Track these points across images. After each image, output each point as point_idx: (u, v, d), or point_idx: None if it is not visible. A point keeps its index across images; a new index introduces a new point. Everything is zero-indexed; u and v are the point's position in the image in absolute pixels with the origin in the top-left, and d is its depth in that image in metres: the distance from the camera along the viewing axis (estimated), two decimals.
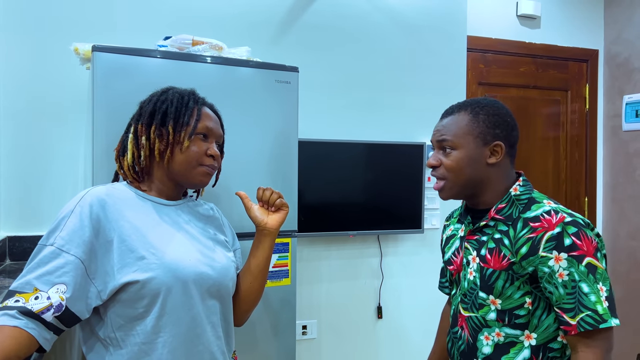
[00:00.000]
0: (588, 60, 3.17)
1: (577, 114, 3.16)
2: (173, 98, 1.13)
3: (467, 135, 1.17)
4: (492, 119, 1.18)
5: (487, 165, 1.17)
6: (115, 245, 0.99)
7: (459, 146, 1.17)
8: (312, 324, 2.45)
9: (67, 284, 0.93)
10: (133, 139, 1.11)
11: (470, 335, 1.21)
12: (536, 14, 2.97)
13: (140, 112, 1.14)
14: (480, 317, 1.18)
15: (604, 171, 3.21)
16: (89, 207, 0.99)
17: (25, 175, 1.99)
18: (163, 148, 1.10)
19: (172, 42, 1.72)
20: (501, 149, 1.17)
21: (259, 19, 2.32)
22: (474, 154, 1.17)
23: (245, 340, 1.64)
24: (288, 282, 1.75)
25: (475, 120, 1.17)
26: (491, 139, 1.17)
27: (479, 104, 1.20)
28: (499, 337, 1.15)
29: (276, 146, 1.72)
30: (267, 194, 1.27)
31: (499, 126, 1.18)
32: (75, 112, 2.03)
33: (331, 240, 2.48)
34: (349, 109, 2.50)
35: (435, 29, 2.65)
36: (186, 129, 1.11)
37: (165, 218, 1.10)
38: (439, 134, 1.21)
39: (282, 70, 1.73)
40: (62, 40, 1.98)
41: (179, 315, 1.03)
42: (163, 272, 1.01)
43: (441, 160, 1.20)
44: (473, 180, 1.18)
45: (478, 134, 1.17)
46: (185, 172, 1.12)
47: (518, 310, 1.13)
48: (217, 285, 1.11)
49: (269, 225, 1.26)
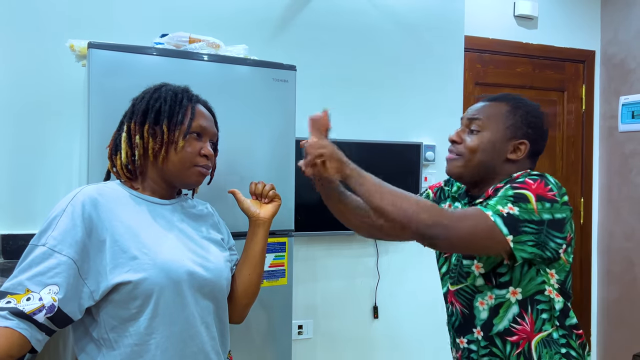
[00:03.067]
0: (585, 61, 3.17)
1: (574, 115, 3.16)
2: (166, 96, 1.11)
3: (499, 122, 1.17)
4: (529, 118, 1.18)
5: (505, 160, 1.17)
6: (108, 245, 0.98)
7: (486, 129, 1.17)
8: (308, 323, 2.44)
9: (59, 284, 0.92)
10: (126, 137, 1.09)
11: (463, 306, 1.21)
12: (533, 15, 2.98)
13: (133, 110, 1.12)
14: (470, 286, 1.18)
15: (600, 172, 3.21)
16: (81, 206, 0.98)
17: (20, 173, 1.97)
18: (157, 148, 1.08)
19: (169, 40, 1.71)
20: (525, 147, 1.17)
21: (257, 17, 2.31)
22: (498, 143, 1.16)
23: (241, 340, 1.63)
24: (284, 282, 1.74)
25: (513, 112, 1.17)
26: (520, 135, 1.17)
27: (523, 100, 1.21)
28: (491, 299, 1.15)
29: (273, 145, 1.71)
30: (260, 187, 1.29)
31: (533, 127, 1.18)
32: (70, 109, 2.01)
33: (328, 239, 2.47)
34: (346, 108, 2.49)
35: (433, 29, 2.64)
36: (180, 128, 1.09)
37: (158, 218, 1.08)
38: (472, 112, 1.20)
39: (280, 69, 1.72)
40: (57, 37, 1.96)
41: (172, 316, 1.02)
42: (156, 273, 1.00)
43: (463, 139, 1.19)
44: (485, 168, 1.17)
45: (510, 125, 1.17)
46: (179, 172, 1.10)
47: (499, 268, 1.13)
48: (211, 285, 1.10)
49: (262, 215, 1.26)
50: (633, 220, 2.98)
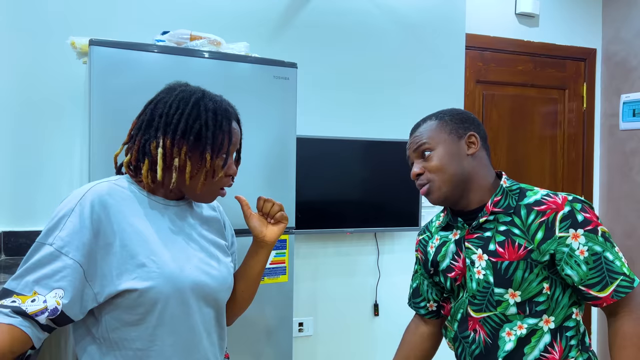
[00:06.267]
0: (586, 59, 3.17)
1: (575, 113, 3.16)
2: (207, 118, 1.05)
3: (440, 134, 1.21)
4: (457, 117, 1.23)
5: (467, 157, 1.20)
6: (116, 248, 0.97)
7: (436, 145, 1.20)
8: (308, 321, 2.45)
9: (64, 289, 0.91)
10: (162, 153, 1.04)
11: (488, 336, 1.18)
12: (535, 12, 2.97)
13: (167, 122, 1.04)
14: (499, 315, 1.16)
15: (601, 170, 3.21)
16: (90, 206, 0.96)
17: (21, 170, 1.98)
18: (195, 173, 1.06)
19: (170, 37, 1.71)
20: (476, 139, 1.21)
21: (258, 15, 2.31)
22: (453, 149, 1.20)
23: (242, 337, 1.64)
24: (285, 279, 1.75)
25: (442, 121, 1.23)
26: (463, 131, 1.21)
27: (441, 111, 1.26)
28: (521, 329, 1.14)
29: (274, 143, 1.71)
30: (268, 206, 1.24)
31: (466, 121, 1.23)
32: (71, 106, 2.01)
33: (328, 237, 2.48)
34: (347, 106, 2.49)
35: (434, 27, 2.64)
36: (221, 157, 1.06)
37: (167, 221, 1.07)
38: (415, 142, 1.24)
39: (281, 66, 1.72)
40: (58, 34, 1.96)
41: (176, 324, 1.02)
42: (163, 282, 0.99)
43: (424, 167, 1.22)
44: (459, 176, 1.19)
45: (450, 131, 1.21)
46: (203, 193, 1.09)
47: (537, 297, 1.13)
48: (215, 294, 1.10)
49: (267, 237, 1.23)
50: (633, 218, 2.98)
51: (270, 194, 1.69)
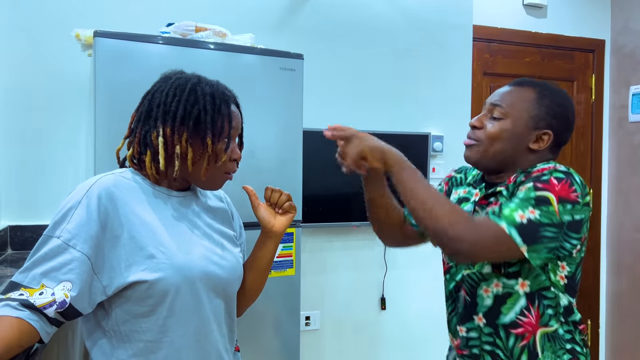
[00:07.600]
0: (594, 51, 3.13)
1: (583, 105, 3.13)
2: (205, 102, 1.04)
3: (522, 111, 1.13)
4: (555, 108, 1.14)
5: (526, 149, 1.14)
6: (123, 240, 0.96)
7: (509, 116, 1.13)
8: (315, 315, 2.44)
9: (72, 281, 0.91)
10: (163, 142, 1.03)
11: (467, 294, 1.19)
12: (543, 3, 2.93)
13: (165, 110, 1.03)
14: (477, 272, 1.16)
15: (610, 162, 3.18)
16: (97, 199, 0.95)
17: (26, 164, 1.97)
18: (198, 159, 1.05)
19: (175, 29, 1.69)
20: (549, 138, 1.13)
21: (264, 6, 2.28)
22: (520, 132, 1.13)
23: (249, 331, 1.63)
24: (292, 273, 1.74)
25: (538, 101, 1.13)
26: (544, 125, 1.13)
27: (550, 89, 1.16)
28: (497, 287, 1.13)
29: (281, 135, 1.70)
30: (276, 195, 1.23)
31: (559, 118, 1.14)
32: (76, 99, 2.00)
33: (335, 231, 2.46)
34: (354, 98, 2.47)
35: (441, 18, 2.61)
36: (222, 140, 1.05)
37: (174, 211, 1.06)
38: (496, 97, 1.17)
39: (287, 58, 1.70)
40: (62, 27, 1.95)
41: (187, 316, 1.01)
42: (173, 273, 0.98)
43: (484, 124, 1.16)
44: (504, 157, 1.14)
45: (534, 115, 1.13)
46: (209, 180, 1.08)
47: None
48: (225, 284, 1.09)
49: (275, 228, 1.22)
50: None
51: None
